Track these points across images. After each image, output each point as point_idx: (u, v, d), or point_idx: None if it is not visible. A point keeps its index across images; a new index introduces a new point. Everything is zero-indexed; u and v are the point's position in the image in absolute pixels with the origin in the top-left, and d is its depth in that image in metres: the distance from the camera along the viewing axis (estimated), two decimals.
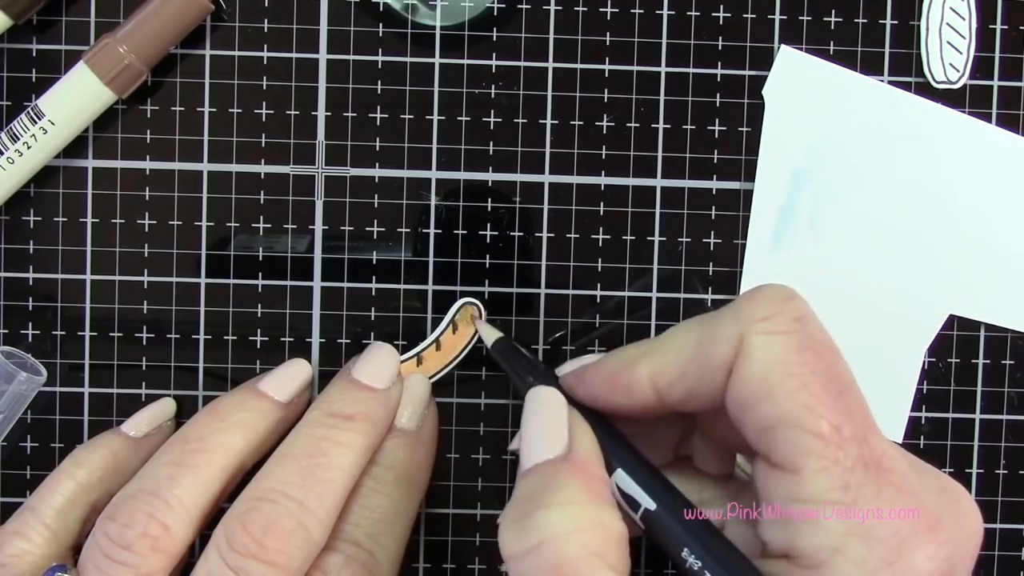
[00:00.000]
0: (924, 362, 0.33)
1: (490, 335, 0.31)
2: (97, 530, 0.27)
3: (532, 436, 0.25)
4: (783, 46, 0.33)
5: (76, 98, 0.30)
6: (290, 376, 0.31)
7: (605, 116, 0.33)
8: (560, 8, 0.32)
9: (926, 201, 0.33)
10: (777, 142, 0.33)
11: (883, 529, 0.21)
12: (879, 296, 0.33)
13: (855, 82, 0.33)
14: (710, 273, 0.33)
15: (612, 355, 0.26)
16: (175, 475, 0.27)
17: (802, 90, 0.33)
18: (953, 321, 0.33)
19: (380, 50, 0.32)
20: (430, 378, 0.32)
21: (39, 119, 0.30)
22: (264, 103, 0.32)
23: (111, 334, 0.32)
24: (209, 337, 0.33)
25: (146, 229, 0.32)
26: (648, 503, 0.24)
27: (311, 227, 0.33)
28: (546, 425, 0.25)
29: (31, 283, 0.32)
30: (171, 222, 0.32)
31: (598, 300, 0.33)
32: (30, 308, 0.32)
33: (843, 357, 0.23)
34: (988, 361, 0.33)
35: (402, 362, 0.32)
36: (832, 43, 0.33)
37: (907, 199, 0.33)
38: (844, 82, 0.33)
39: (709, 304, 0.33)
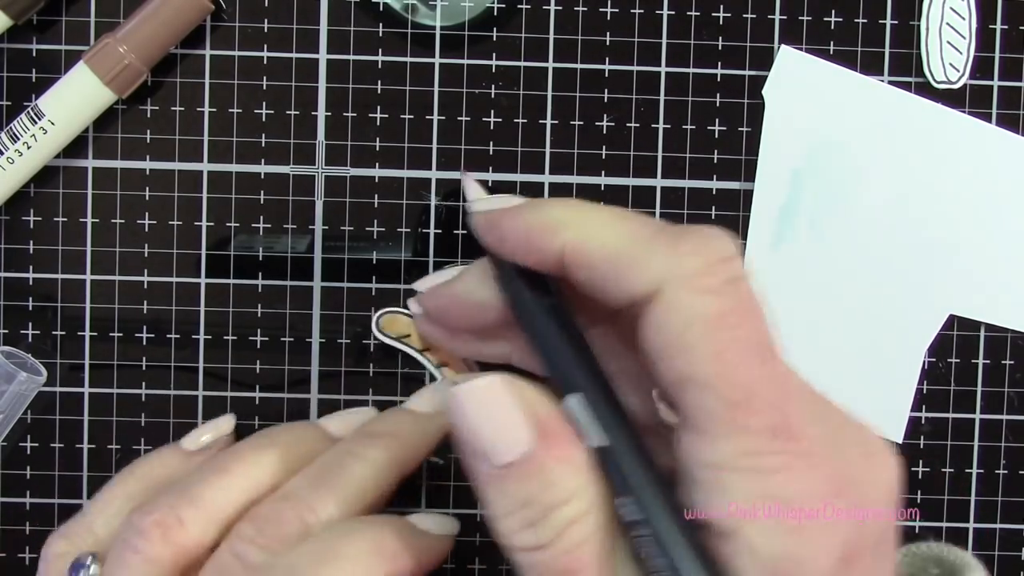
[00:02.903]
0: (924, 362, 0.33)
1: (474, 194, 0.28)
2: (124, 519, 0.27)
3: (490, 437, 0.23)
4: (783, 46, 0.33)
5: (76, 98, 0.30)
6: (350, 419, 0.32)
7: (605, 116, 0.33)
8: (560, 8, 0.32)
9: (926, 201, 0.33)
10: (777, 142, 0.33)
11: (788, 496, 0.21)
12: (879, 296, 0.33)
13: (855, 82, 0.33)
14: None
15: (535, 206, 0.25)
16: (205, 477, 0.28)
17: (802, 90, 0.33)
18: (953, 321, 0.33)
19: (380, 50, 0.32)
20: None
21: (39, 119, 0.30)
22: (264, 103, 0.32)
23: (111, 334, 0.32)
24: (209, 337, 0.33)
25: (146, 229, 0.32)
26: (599, 440, 0.23)
27: (311, 227, 0.33)
28: (501, 422, 0.23)
29: (31, 283, 0.32)
30: (171, 222, 0.32)
31: None
32: (30, 308, 0.32)
33: (769, 324, 0.22)
34: (988, 361, 0.33)
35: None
36: (832, 43, 0.33)
37: (907, 199, 0.33)
38: (844, 82, 0.33)
39: None
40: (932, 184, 0.33)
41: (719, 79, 0.33)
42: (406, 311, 0.32)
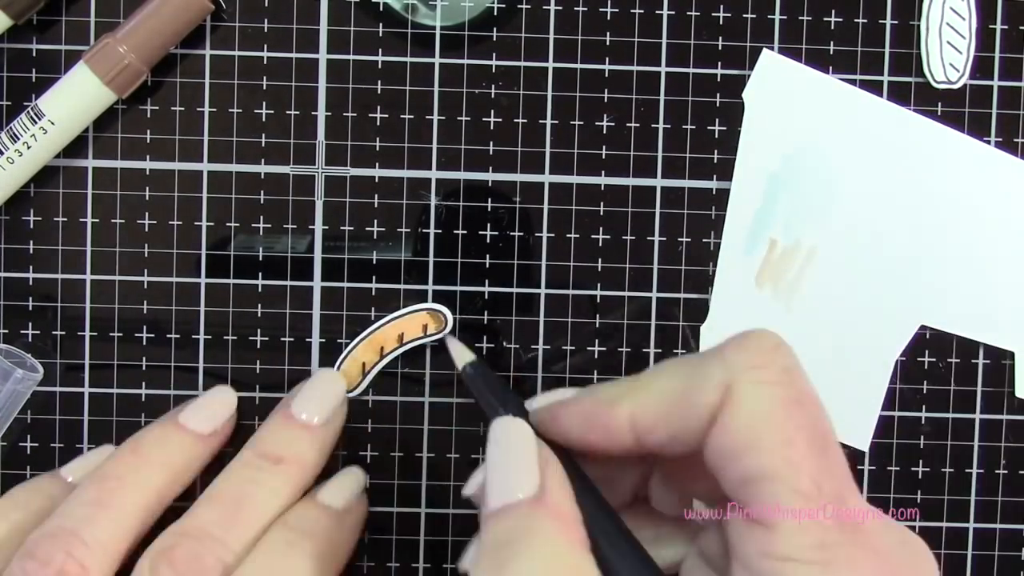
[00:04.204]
0: (924, 362, 0.33)
1: (462, 356, 0.30)
2: (15, 566, 0.27)
3: (500, 473, 0.24)
4: (764, 49, 0.33)
5: (76, 98, 0.30)
6: (213, 407, 0.31)
7: (605, 116, 0.33)
8: (560, 8, 0.32)
9: (900, 210, 0.33)
10: (755, 145, 0.33)
11: None
12: (850, 305, 0.33)
13: (835, 88, 0.33)
14: (710, 272, 0.33)
15: (590, 392, 0.26)
16: (93, 515, 0.27)
17: (782, 94, 0.33)
18: None
19: (380, 50, 0.32)
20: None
21: (39, 119, 0.30)
22: (264, 103, 0.32)
23: (111, 334, 0.32)
24: (209, 337, 0.33)
25: (146, 229, 0.32)
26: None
27: (311, 227, 0.33)
28: (515, 461, 0.24)
29: (31, 283, 0.32)
30: (171, 222, 0.32)
31: (598, 300, 0.33)
32: (30, 308, 0.32)
33: (825, 411, 0.23)
34: (988, 361, 0.33)
35: (359, 341, 0.32)
36: (832, 43, 0.33)
37: (881, 208, 0.33)
38: (824, 88, 0.33)
39: (709, 305, 0.33)
40: (906, 194, 0.33)
41: (719, 79, 0.33)
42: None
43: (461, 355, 0.31)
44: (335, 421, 0.31)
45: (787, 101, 0.33)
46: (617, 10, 0.33)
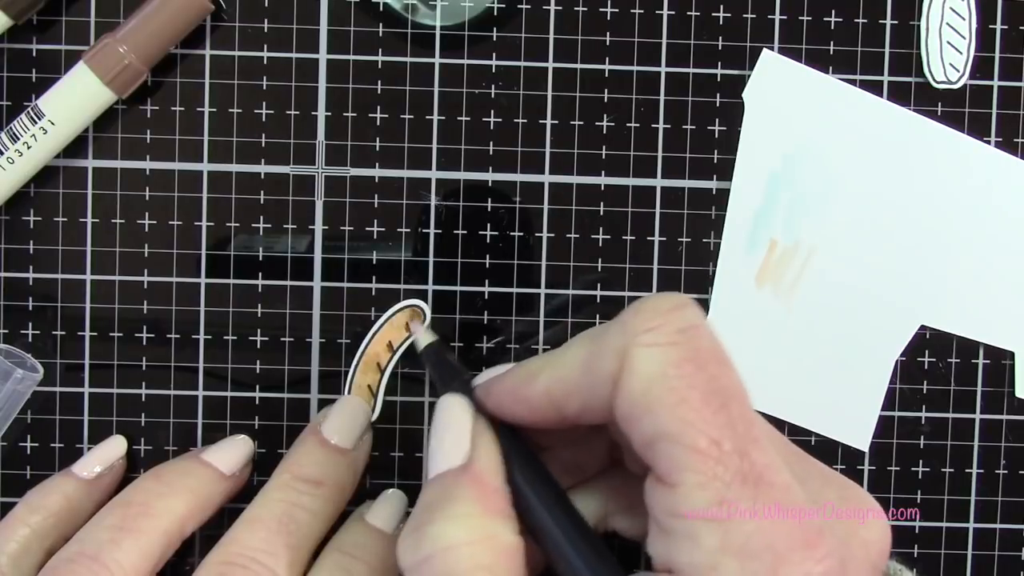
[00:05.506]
0: (924, 362, 0.33)
1: (424, 339, 0.31)
2: None
3: (436, 446, 0.25)
4: (764, 50, 0.33)
5: (76, 98, 0.30)
6: (235, 450, 0.31)
7: (605, 116, 0.33)
8: (560, 8, 0.32)
9: (900, 210, 0.33)
10: (755, 145, 0.33)
11: (757, 545, 0.20)
12: (850, 304, 0.33)
13: (835, 88, 0.33)
14: (710, 273, 0.33)
15: (517, 367, 0.26)
16: (116, 539, 0.27)
17: (782, 95, 0.33)
18: None
19: (380, 50, 0.32)
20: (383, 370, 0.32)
21: (39, 119, 0.30)
22: (264, 103, 0.32)
23: (111, 334, 0.32)
24: (209, 337, 0.33)
25: (146, 229, 0.32)
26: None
27: (311, 227, 0.33)
28: (449, 434, 0.25)
29: (31, 283, 0.32)
30: (171, 222, 0.32)
31: (598, 300, 0.33)
32: (30, 308, 0.32)
33: (732, 367, 0.23)
34: (988, 361, 0.33)
35: (356, 364, 0.32)
36: (832, 43, 0.33)
37: (882, 208, 0.33)
38: (824, 88, 0.33)
39: (710, 305, 0.33)
40: (907, 194, 0.33)
41: (719, 79, 0.33)
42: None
43: (423, 338, 0.31)
44: (364, 445, 0.31)
45: (787, 101, 0.33)
46: (617, 10, 0.33)
